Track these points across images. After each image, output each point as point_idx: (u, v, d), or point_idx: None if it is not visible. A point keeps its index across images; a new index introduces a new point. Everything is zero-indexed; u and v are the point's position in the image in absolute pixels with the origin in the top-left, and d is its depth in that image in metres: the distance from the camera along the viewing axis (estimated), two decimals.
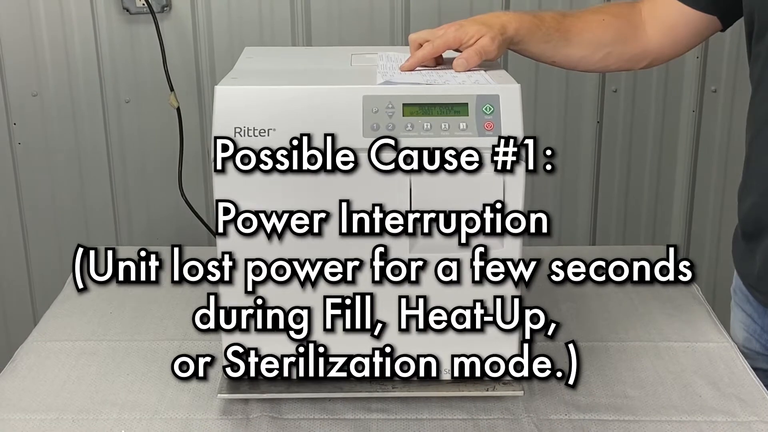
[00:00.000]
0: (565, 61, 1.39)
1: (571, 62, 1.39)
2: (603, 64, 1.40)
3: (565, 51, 1.36)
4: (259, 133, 1.12)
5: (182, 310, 1.48)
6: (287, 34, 2.16)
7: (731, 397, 1.25)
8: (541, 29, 1.32)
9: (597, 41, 1.37)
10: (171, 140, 2.19)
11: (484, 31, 1.25)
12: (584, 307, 1.49)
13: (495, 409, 1.22)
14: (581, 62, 1.39)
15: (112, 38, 2.15)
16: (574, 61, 1.38)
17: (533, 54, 1.36)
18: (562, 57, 1.37)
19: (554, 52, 1.36)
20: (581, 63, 1.39)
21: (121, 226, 2.30)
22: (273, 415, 1.21)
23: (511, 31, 1.29)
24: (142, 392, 1.27)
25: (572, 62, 1.39)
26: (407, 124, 1.12)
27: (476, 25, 1.27)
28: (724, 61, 2.22)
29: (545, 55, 1.36)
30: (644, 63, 1.42)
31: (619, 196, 2.35)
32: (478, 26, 1.26)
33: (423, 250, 1.15)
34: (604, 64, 1.40)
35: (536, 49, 1.34)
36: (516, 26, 1.30)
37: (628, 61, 1.41)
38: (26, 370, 1.32)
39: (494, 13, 1.32)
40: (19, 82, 2.17)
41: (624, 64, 1.42)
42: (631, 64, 1.42)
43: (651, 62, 1.42)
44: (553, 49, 1.35)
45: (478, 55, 1.24)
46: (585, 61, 1.39)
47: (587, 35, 1.36)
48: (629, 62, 1.41)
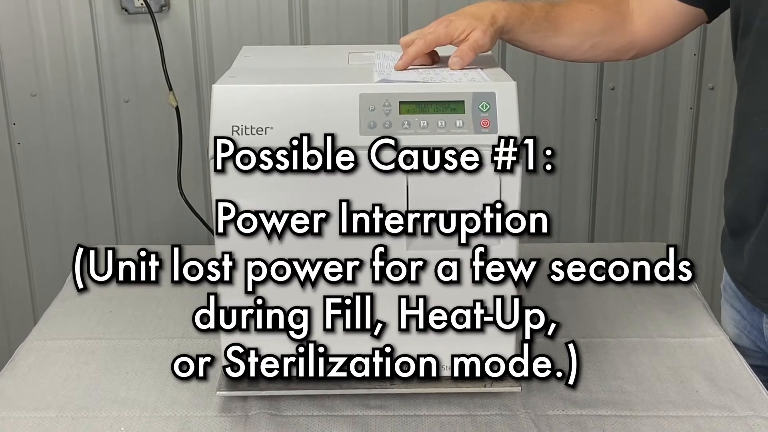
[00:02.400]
0: (554, 51, 1.39)
1: (560, 52, 1.40)
2: (591, 54, 1.42)
3: (555, 40, 1.37)
4: (256, 132, 1.12)
5: (181, 309, 1.49)
6: (285, 33, 2.17)
7: (728, 392, 1.25)
8: (530, 18, 1.33)
9: (586, 31, 1.38)
10: (170, 139, 2.19)
11: (474, 24, 1.26)
12: (582, 303, 1.50)
13: (493, 405, 1.23)
14: (570, 52, 1.40)
15: (111, 38, 2.15)
16: (563, 50, 1.39)
17: (522, 43, 1.36)
18: (551, 46, 1.38)
19: (543, 41, 1.36)
20: (570, 53, 1.40)
21: (121, 225, 2.30)
22: (272, 412, 1.21)
23: (501, 20, 1.29)
24: (142, 390, 1.27)
25: (561, 52, 1.40)
26: (404, 122, 1.12)
27: (466, 18, 1.27)
28: (721, 58, 2.23)
29: (534, 44, 1.37)
30: (631, 53, 1.43)
31: (618, 193, 2.36)
32: (468, 20, 1.26)
33: (422, 249, 1.15)
34: (592, 53, 1.41)
35: (525, 38, 1.35)
36: (506, 15, 1.30)
37: (616, 51, 1.42)
38: (26, 368, 1.33)
39: (483, 3, 1.32)
40: (18, 82, 2.17)
41: (612, 54, 1.43)
42: (619, 55, 1.43)
43: (638, 53, 1.44)
44: (543, 39, 1.36)
45: (472, 51, 1.24)
46: (574, 50, 1.40)
47: (576, 25, 1.37)
48: (617, 53, 1.43)
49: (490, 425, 1.19)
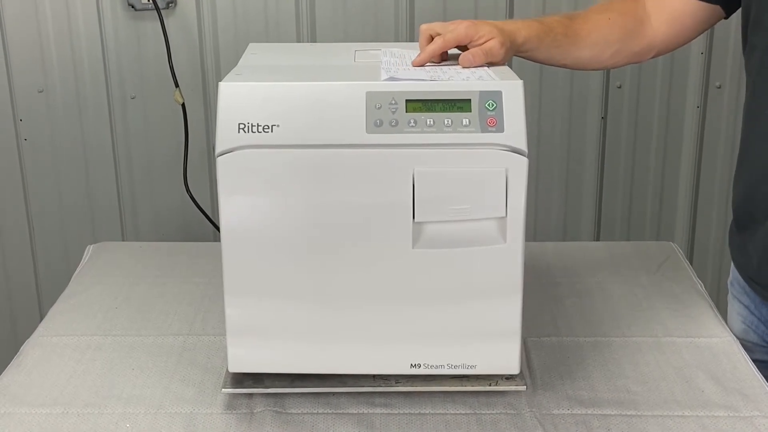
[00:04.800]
0: (576, 63, 1.40)
1: (582, 63, 1.41)
2: (612, 61, 1.42)
3: (575, 54, 1.38)
4: (263, 130, 1.12)
5: (187, 306, 1.49)
6: (292, 31, 2.17)
7: (733, 392, 1.25)
8: (549, 35, 1.34)
9: (605, 40, 1.39)
10: (176, 136, 2.19)
11: (495, 33, 1.27)
12: (588, 302, 1.50)
13: (498, 404, 1.23)
14: (591, 62, 1.41)
15: (118, 35, 2.15)
16: (585, 62, 1.40)
17: (543, 60, 1.38)
18: (572, 60, 1.39)
19: (565, 56, 1.37)
20: (591, 63, 1.41)
21: (127, 221, 2.30)
22: (277, 409, 1.21)
23: (520, 39, 1.31)
24: (147, 387, 1.27)
25: (582, 63, 1.41)
26: (410, 120, 1.12)
27: (489, 26, 1.28)
28: (728, 57, 2.22)
29: (555, 59, 1.38)
30: (651, 54, 1.44)
31: (624, 192, 2.35)
32: (490, 27, 1.28)
33: (425, 247, 1.15)
34: (613, 60, 1.42)
35: (545, 55, 1.36)
36: (526, 35, 1.31)
37: (636, 54, 1.43)
38: (32, 364, 1.33)
39: (504, 21, 1.34)
40: (25, 79, 2.18)
41: (632, 58, 1.44)
42: (639, 57, 1.44)
43: (658, 53, 1.44)
44: (564, 53, 1.37)
45: (485, 55, 1.25)
46: (595, 60, 1.40)
47: (595, 36, 1.38)
48: (637, 56, 1.43)
49: (495, 424, 1.19)
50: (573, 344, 1.37)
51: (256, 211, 1.14)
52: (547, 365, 1.31)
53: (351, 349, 1.19)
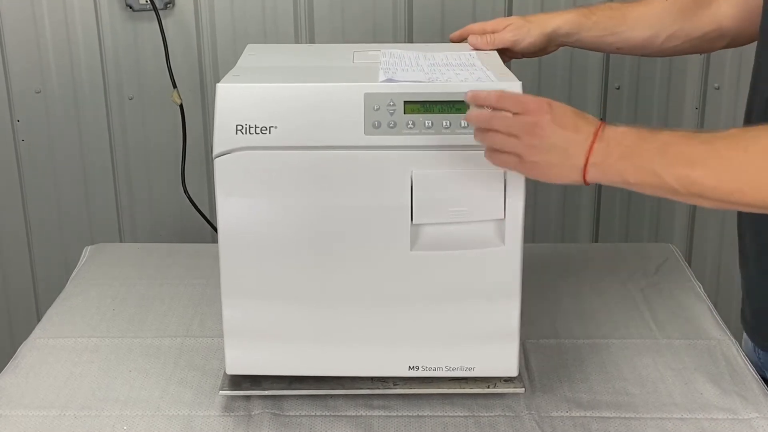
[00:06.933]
0: (630, 47, 1.39)
1: (636, 47, 1.39)
2: (670, 45, 1.38)
3: (626, 36, 1.36)
4: (260, 131, 1.12)
5: (185, 307, 1.49)
6: (290, 31, 2.16)
7: (732, 394, 1.25)
8: (590, 18, 1.34)
9: (660, 22, 1.36)
10: (174, 137, 2.19)
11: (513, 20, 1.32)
12: (586, 304, 1.49)
13: (496, 406, 1.22)
14: (645, 46, 1.38)
15: (115, 35, 2.15)
16: (637, 44, 1.38)
17: (591, 45, 1.38)
18: (624, 42, 1.37)
19: (613, 38, 1.36)
20: (645, 46, 1.39)
21: (125, 222, 2.30)
22: (275, 412, 1.21)
23: (552, 25, 1.33)
24: (144, 389, 1.27)
25: (636, 47, 1.39)
26: (408, 122, 1.12)
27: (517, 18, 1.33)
28: (727, 58, 2.22)
29: (605, 43, 1.37)
30: (721, 43, 1.38)
31: (622, 193, 2.35)
32: (516, 18, 1.33)
33: (423, 249, 1.15)
34: (670, 44, 1.38)
35: (589, 39, 1.36)
36: (559, 20, 1.33)
37: (700, 39, 1.37)
38: (29, 366, 1.33)
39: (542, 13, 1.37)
40: (22, 79, 2.17)
41: (697, 44, 1.38)
42: (704, 44, 1.38)
43: (730, 42, 1.37)
44: (612, 37, 1.36)
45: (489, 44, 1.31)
46: (649, 43, 1.38)
47: (646, 17, 1.36)
48: (702, 41, 1.37)
49: (493, 426, 1.19)
50: (571, 346, 1.37)
51: (254, 213, 1.14)
52: (546, 367, 1.31)
53: (349, 351, 1.19)
